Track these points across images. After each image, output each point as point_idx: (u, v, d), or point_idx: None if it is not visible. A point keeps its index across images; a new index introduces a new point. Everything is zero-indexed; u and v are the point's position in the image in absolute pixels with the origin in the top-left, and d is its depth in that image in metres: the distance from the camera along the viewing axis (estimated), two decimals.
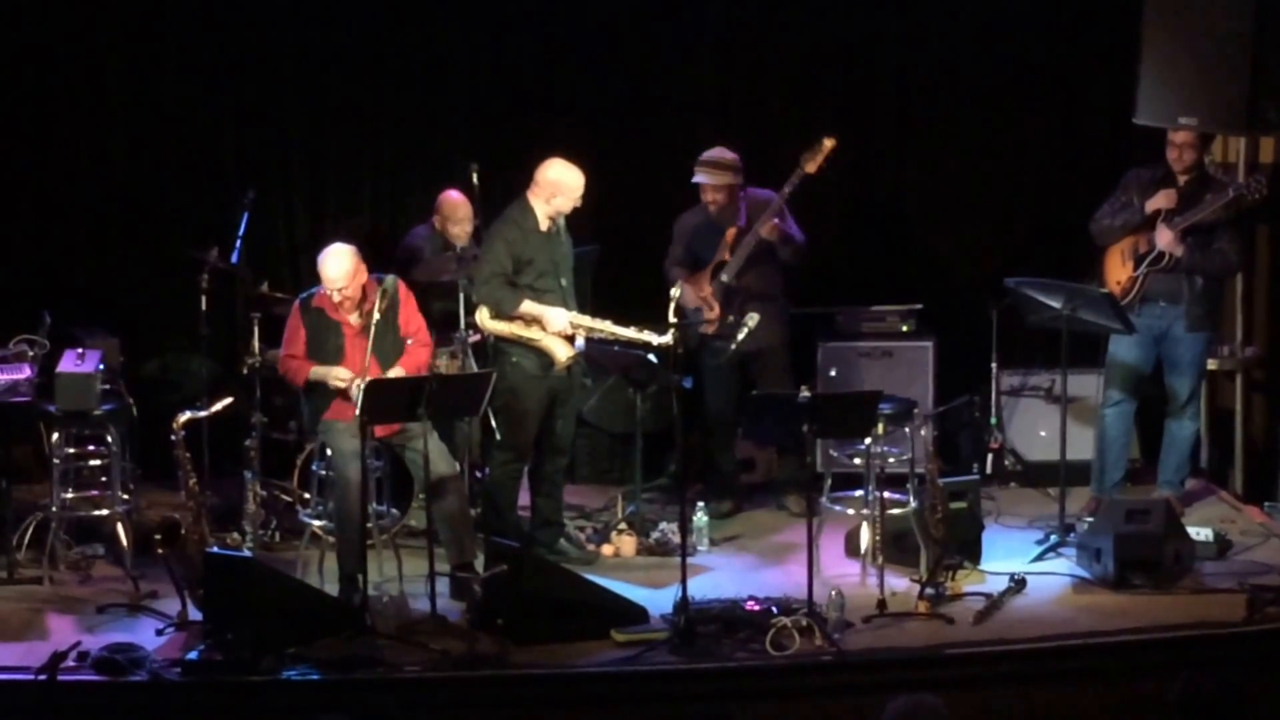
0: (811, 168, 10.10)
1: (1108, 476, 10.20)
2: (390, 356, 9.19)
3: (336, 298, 9.09)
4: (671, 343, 9.13)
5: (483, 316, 9.57)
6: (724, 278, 10.30)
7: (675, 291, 9.13)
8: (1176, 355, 10.05)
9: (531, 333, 9.49)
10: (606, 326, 9.58)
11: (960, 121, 11.59)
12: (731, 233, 10.31)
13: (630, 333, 9.55)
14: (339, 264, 9.06)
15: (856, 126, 11.60)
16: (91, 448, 9.74)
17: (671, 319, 9.07)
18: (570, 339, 9.53)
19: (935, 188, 11.39)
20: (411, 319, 9.31)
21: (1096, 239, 10.16)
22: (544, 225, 9.55)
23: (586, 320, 9.58)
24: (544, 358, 9.52)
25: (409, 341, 9.27)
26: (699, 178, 10.33)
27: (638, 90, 11.58)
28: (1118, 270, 10.06)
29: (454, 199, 10.72)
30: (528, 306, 9.48)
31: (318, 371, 9.15)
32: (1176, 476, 10.26)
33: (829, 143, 10.08)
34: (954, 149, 11.61)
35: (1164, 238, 9.85)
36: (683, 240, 10.54)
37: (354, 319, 9.16)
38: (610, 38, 11.52)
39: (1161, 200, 9.91)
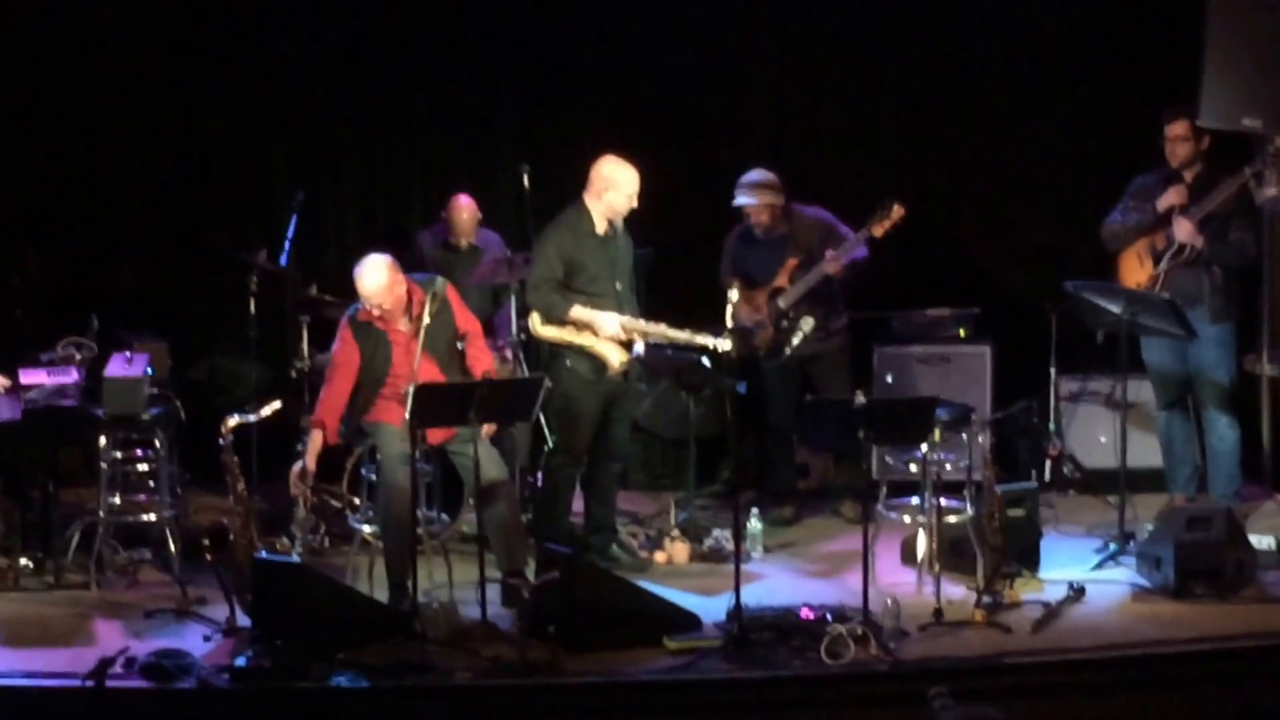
0: (878, 231, 10.08)
1: (1177, 476, 10.16)
2: (445, 358, 9.08)
3: (377, 313, 8.98)
4: (729, 348, 9.06)
5: (535, 322, 9.49)
6: (781, 304, 10.27)
7: (733, 294, 9.02)
8: (1202, 353, 9.94)
9: (584, 338, 9.40)
10: (660, 330, 9.47)
11: (1018, 125, 11.57)
12: (792, 263, 10.28)
13: (685, 335, 9.45)
14: (375, 277, 8.91)
15: (913, 129, 11.60)
16: (139, 452, 9.74)
17: (729, 323, 8.99)
18: (627, 344, 9.43)
19: (993, 191, 11.29)
20: (468, 318, 9.23)
21: (1108, 244, 10.10)
22: (600, 228, 9.46)
23: (639, 324, 9.46)
24: (597, 362, 9.44)
25: (463, 341, 9.18)
26: (741, 200, 10.28)
27: (691, 91, 11.56)
28: (1136, 272, 10.00)
29: (457, 204, 10.74)
30: (579, 312, 9.38)
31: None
32: (1229, 489, 10.08)
33: (899, 211, 10.04)
34: (1012, 153, 11.58)
35: (1183, 229, 9.79)
36: (731, 257, 10.54)
37: (403, 325, 9.06)
38: (663, 38, 11.50)
39: (1173, 196, 9.87)
